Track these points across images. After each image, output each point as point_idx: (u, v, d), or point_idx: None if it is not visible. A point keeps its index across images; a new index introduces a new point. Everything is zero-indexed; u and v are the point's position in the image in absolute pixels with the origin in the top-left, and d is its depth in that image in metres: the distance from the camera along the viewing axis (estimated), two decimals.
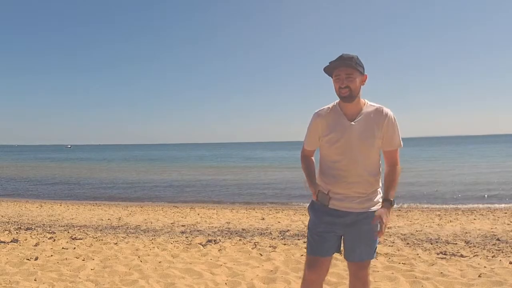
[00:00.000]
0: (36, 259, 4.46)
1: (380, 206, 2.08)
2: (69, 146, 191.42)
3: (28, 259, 4.41)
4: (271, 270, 3.91)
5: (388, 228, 6.45)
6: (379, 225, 1.98)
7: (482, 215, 7.91)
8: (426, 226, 6.60)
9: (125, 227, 6.93)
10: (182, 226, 7.02)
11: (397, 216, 8.02)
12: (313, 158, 2.31)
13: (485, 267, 3.93)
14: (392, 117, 2.08)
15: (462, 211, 8.74)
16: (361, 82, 2.06)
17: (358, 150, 2.06)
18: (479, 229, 6.14)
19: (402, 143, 2.12)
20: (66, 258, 4.49)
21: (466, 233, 5.86)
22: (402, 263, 4.13)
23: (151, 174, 25.74)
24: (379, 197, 2.15)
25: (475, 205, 10.18)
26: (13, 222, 7.47)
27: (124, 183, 19.37)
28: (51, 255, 4.66)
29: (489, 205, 10.05)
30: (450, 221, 7.09)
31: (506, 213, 8.16)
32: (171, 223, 7.35)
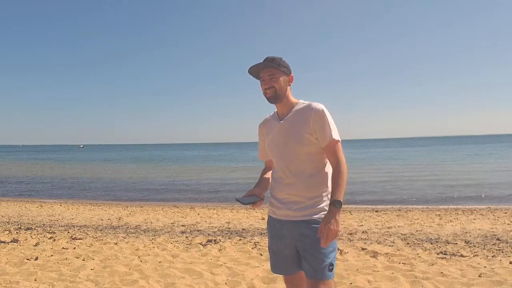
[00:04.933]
0: (36, 259, 4.46)
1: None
2: (82, 146, 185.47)
3: (28, 259, 4.42)
4: None
5: (388, 228, 6.44)
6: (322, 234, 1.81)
7: (482, 215, 7.91)
8: (426, 226, 6.60)
9: (125, 227, 6.94)
10: (182, 226, 7.02)
11: (397, 216, 8.03)
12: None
13: (485, 267, 3.93)
14: (320, 110, 1.95)
15: (462, 211, 8.73)
16: (287, 82, 2.04)
17: (288, 148, 2.00)
18: (479, 229, 6.14)
19: (335, 136, 1.93)
20: (66, 258, 4.49)
21: (466, 233, 5.86)
22: (402, 263, 4.13)
23: (151, 174, 25.77)
24: (325, 205, 1.94)
25: (475, 205, 10.17)
26: (13, 222, 7.47)
27: (124, 183, 19.38)
28: (51, 255, 4.66)
29: (489, 205, 10.04)
30: (450, 221, 7.08)
31: (506, 213, 8.15)
32: (171, 223, 7.35)
